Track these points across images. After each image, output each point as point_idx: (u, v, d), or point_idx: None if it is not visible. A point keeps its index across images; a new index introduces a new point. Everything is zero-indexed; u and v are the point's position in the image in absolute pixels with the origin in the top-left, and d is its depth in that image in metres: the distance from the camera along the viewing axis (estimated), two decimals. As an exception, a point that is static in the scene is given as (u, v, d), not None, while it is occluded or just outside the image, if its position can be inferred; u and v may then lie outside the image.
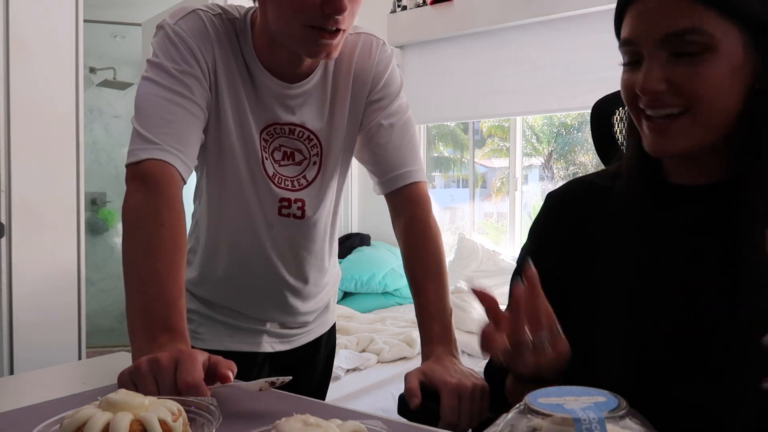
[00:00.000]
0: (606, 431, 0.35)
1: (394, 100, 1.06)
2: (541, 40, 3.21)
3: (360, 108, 1.05)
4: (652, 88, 0.63)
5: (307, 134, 1.04)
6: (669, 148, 0.64)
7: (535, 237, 0.80)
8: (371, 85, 1.04)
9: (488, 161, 4.51)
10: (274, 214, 1.05)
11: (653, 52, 0.63)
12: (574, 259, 0.73)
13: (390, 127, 1.04)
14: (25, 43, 2.16)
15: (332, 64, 1.03)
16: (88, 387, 0.75)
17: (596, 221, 0.72)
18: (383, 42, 1.06)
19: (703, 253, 0.65)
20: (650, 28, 0.63)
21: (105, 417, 0.47)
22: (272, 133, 1.02)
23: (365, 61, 1.03)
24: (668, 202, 0.68)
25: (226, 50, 0.96)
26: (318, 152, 1.05)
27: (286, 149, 1.04)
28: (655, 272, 0.67)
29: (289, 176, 1.05)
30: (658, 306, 0.66)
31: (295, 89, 1.00)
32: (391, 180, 1.04)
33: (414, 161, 1.05)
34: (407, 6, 3.59)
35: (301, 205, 1.06)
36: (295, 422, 0.45)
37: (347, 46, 1.02)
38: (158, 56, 0.92)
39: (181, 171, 0.88)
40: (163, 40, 0.93)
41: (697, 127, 0.63)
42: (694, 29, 0.61)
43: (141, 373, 0.67)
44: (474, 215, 3.96)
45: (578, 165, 4.06)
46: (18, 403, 0.68)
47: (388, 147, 1.04)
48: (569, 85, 3.09)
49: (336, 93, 1.04)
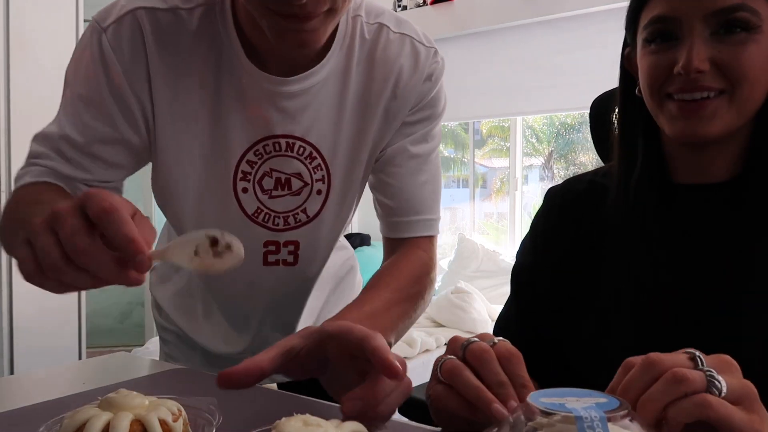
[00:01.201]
0: (607, 429, 0.35)
1: (431, 125, 0.84)
2: (541, 40, 3.21)
3: (393, 127, 0.81)
4: (697, 67, 0.59)
5: (309, 151, 0.78)
6: (700, 130, 0.61)
7: (535, 233, 0.78)
8: (414, 103, 0.81)
9: (488, 161, 4.51)
10: (257, 265, 0.83)
11: (696, 28, 0.60)
12: (576, 255, 0.72)
13: (416, 158, 0.82)
14: (26, 42, 2.16)
15: (355, 55, 0.78)
16: (88, 387, 0.75)
17: (598, 219, 0.72)
18: (435, 50, 0.83)
19: (709, 252, 0.65)
20: (697, 2, 0.59)
21: (105, 417, 0.46)
22: (261, 152, 0.78)
23: (411, 71, 0.80)
24: (674, 201, 0.68)
25: (183, 55, 0.74)
26: (324, 177, 0.80)
27: (280, 175, 0.79)
28: (659, 272, 0.66)
29: (280, 211, 0.81)
30: (662, 305, 0.66)
31: (294, 84, 0.75)
32: (404, 225, 0.82)
33: (434, 208, 0.84)
34: (407, 6, 3.59)
35: (294, 249, 0.83)
36: (295, 422, 0.44)
37: (386, 45, 0.79)
38: (74, 75, 0.75)
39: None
40: (83, 53, 0.74)
41: (732, 110, 0.61)
42: (744, 6, 0.58)
43: (35, 231, 0.47)
44: (474, 215, 3.96)
45: (578, 165, 4.06)
46: (18, 403, 0.68)
47: (411, 182, 0.82)
48: (569, 85, 3.09)
49: (360, 98, 0.79)
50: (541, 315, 0.73)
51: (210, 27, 0.74)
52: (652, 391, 0.42)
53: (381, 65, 0.78)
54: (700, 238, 0.65)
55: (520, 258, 0.78)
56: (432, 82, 0.82)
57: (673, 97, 0.62)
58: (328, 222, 0.83)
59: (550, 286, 0.73)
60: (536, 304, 0.74)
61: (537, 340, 0.71)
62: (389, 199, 0.83)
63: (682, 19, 0.60)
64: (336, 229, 0.86)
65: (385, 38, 0.79)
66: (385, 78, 0.79)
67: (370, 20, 0.79)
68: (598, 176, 0.75)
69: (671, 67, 0.61)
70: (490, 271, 3.32)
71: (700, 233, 0.66)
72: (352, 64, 0.77)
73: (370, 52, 0.78)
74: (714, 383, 0.41)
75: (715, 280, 0.64)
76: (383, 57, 0.78)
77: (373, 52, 0.78)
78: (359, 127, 0.80)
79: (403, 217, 0.82)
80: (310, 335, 0.56)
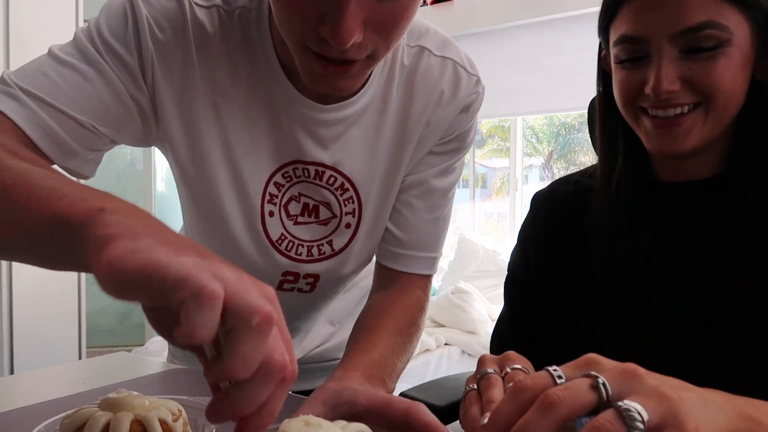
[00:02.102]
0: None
1: (456, 157, 0.78)
2: (542, 40, 3.21)
3: (419, 155, 0.76)
4: (667, 89, 0.58)
5: (340, 181, 0.73)
6: (678, 146, 0.61)
7: (525, 242, 0.77)
8: (445, 133, 0.76)
9: (488, 161, 4.51)
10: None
11: (664, 48, 0.59)
12: (566, 260, 0.72)
13: (435, 192, 0.77)
14: (25, 43, 2.16)
15: (395, 82, 0.72)
16: (88, 387, 0.75)
17: (585, 221, 0.71)
18: (477, 79, 0.76)
19: (696, 250, 0.65)
20: (662, 23, 0.58)
21: (105, 417, 0.46)
22: (290, 175, 0.72)
23: (450, 98, 0.74)
24: (658, 200, 0.67)
25: (219, 55, 0.67)
26: (355, 210, 0.74)
27: (308, 200, 0.73)
28: (647, 270, 0.66)
29: (305, 240, 0.75)
30: (652, 305, 0.66)
31: (331, 113, 0.69)
32: (405, 259, 0.77)
33: (439, 246, 0.80)
34: (407, 6, 3.59)
35: (313, 281, 0.78)
36: (297, 423, 0.44)
37: (426, 70, 0.73)
38: (101, 26, 0.63)
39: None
40: (118, 9, 0.63)
41: (708, 122, 0.60)
42: (712, 23, 0.57)
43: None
44: (474, 215, 3.96)
45: (578, 165, 4.06)
46: (18, 403, 0.68)
47: (425, 218, 0.77)
48: (569, 85, 3.10)
49: (397, 128, 0.73)
50: (536, 324, 0.73)
51: (247, 34, 0.67)
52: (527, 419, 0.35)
53: (420, 93, 0.73)
54: (685, 235, 0.65)
55: (512, 269, 0.78)
56: (468, 115, 0.76)
57: (648, 112, 0.62)
58: (354, 257, 0.78)
59: (543, 296, 0.73)
60: (531, 313, 0.74)
61: (532, 348, 0.71)
62: (398, 228, 0.77)
63: (650, 38, 0.60)
64: (361, 265, 0.81)
65: (425, 63, 0.73)
66: (424, 106, 0.73)
67: (411, 42, 0.74)
68: (584, 177, 0.75)
69: (642, 84, 0.61)
70: (490, 271, 3.32)
71: (685, 230, 0.65)
72: (392, 92, 0.72)
73: (408, 79, 0.73)
74: (633, 417, 0.33)
75: (702, 275, 0.64)
76: (422, 84, 0.73)
77: (412, 79, 0.73)
78: (395, 159, 0.74)
79: (407, 251, 0.77)
80: (338, 406, 0.53)
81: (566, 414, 0.35)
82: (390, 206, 0.77)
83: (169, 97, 0.66)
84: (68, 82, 0.60)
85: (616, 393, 0.35)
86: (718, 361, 0.62)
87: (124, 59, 0.63)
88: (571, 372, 0.38)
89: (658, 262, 0.66)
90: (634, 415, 0.33)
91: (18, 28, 2.15)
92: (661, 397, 0.34)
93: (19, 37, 2.15)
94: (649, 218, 0.67)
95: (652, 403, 0.34)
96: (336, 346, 0.94)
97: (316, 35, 0.55)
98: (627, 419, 0.33)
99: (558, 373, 0.38)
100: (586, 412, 0.35)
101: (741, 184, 0.63)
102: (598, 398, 0.35)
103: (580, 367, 0.38)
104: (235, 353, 0.32)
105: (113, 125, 0.64)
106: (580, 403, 0.35)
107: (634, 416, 0.33)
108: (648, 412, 0.33)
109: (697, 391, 0.37)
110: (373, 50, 0.58)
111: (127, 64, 0.63)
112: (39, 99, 0.58)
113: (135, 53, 0.63)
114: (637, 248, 0.66)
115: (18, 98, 0.58)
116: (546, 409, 0.35)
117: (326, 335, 0.92)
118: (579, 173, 0.77)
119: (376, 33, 0.56)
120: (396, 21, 0.56)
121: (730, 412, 0.37)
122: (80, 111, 0.60)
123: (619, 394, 0.35)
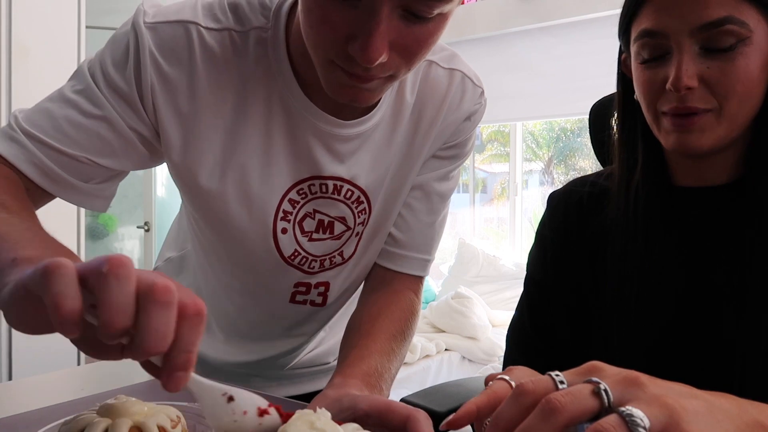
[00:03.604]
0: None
1: (456, 164, 0.81)
2: (541, 46, 3.22)
3: (424, 160, 0.79)
4: (687, 84, 0.59)
5: (357, 195, 0.74)
6: (693, 143, 0.62)
7: (543, 242, 0.78)
8: (448, 139, 0.79)
9: (488, 166, 4.52)
10: (283, 303, 0.80)
11: (685, 44, 0.59)
12: (584, 261, 0.72)
13: (436, 196, 0.80)
14: (28, 49, 2.17)
15: (406, 95, 0.74)
16: (87, 393, 0.75)
17: (601, 222, 0.72)
18: (482, 91, 0.79)
19: (712, 255, 0.65)
20: (683, 17, 0.59)
21: (104, 423, 0.46)
22: (305, 192, 0.73)
23: (456, 106, 0.77)
24: (675, 204, 0.68)
25: (231, 76, 0.68)
26: (365, 220, 0.77)
27: (323, 217, 0.74)
28: (662, 275, 0.66)
29: (317, 255, 0.77)
30: (666, 309, 0.66)
31: (350, 128, 0.71)
32: (401, 259, 0.80)
33: (433, 249, 0.82)
34: (407, 12, 3.60)
35: (324, 290, 0.81)
36: (301, 424, 0.44)
37: (435, 83, 0.75)
38: (105, 58, 0.66)
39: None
40: (122, 39, 0.66)
41: (722, 125, 0.61)
42: (732, 18, 0.58)
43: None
44: (474, 220, 3.96)
45: (578, 170, 4.07)
46: (16, 409, 0.68)
47: (424, 220, 0.80)
48: (569, 91, 3.11)
49: (408, 139, 0.76)
50: (556, 324, 0.73)
51: (262, 53, 0.69)
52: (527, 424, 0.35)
53: (429, 104, 0.76)
54: (701, 241, 0.66)
55: (531, 271, 0.78)
56: (470, 123, 0.80)
57: (667, 113, 0.63)
58: (361, 261, 0.80)
59: (563, 297, 0.73)
60: (551, 316, 0.74)
61: (551, 350, 0.71)
62: (397, 229, 0.80)
63: (670, 33, 0.60)
64: (367, 267, 0.83)
65: (433, 75, 0.76)
66: (433, 118, 0.76)
67: None
68: (600, 179, 0.75)
69: (664, 82, 0.62)
70: (490, 276, 3.31)
71: (702, 235, 0.66)
72: (403, 106, 0.75)
73: (420, 92, 0.75)
74: (635, 422, 0.33)
75: (717, 281, 0.64)
76: (431, 96, 0.76)
77: (423, 92, 0.75)
78: (404, 168, 0.77)
79: (404, 251, 0.80)
80: (339, 413, 0.55)
81: (567, 420, 0.34)
82: (395, 215, 0.79)
83: (173, 121, 0.68)
84: (69, 120, 0.65)
85: (618, 400, 0.35)
86: (733, 368, 0.62)
87: (123, 91, 0.66)
88: (574, 378, 0.38)
89: (674, 268, 0.66)
90: (637, 420, 0.33)
91: (20, 33, 2.16)
92: (663, 405, 0.34)
93: (21, 43, 2.15)
94: (666, 223, 0.67)
95: (654, 411, 0.34)
96: (327, 350, 0.94)
97: (344, 53, 0.57)
98: (630, 424, 0.33)
99: (560, 378, 0.37)
100: (588, 419, 0.35)
101: (758, 188, 0.63)
102: (599, 404, 0.35)
103: (582, 374, 0.38)
104: (103, 302, 0.34)
105: (113, 156, 0.68)
106: (581, 409, 0.35)
107: (637, 422, 0.33)
108: (650, 420, 0.33)
109: (703, 398, 0.36)
110: (394, 71, 0.60)
111: (125, 95, 0.66)
112: (38, 140, 0.64)
113: (134, 84, 0.66)
114: (652, 253, 0.67)
115: (19, 141, 0.64)
116: (547, 414, 0.34)
117: (317, 340, 0.93)
118: (595, 174, 0.77)
119: (400, 56, 0.58)
120: (420, 46, 0.58)
121: (738, 419, 0.36)
122: (77, 147, 0.65)
123: (621, 401, 0.35)
